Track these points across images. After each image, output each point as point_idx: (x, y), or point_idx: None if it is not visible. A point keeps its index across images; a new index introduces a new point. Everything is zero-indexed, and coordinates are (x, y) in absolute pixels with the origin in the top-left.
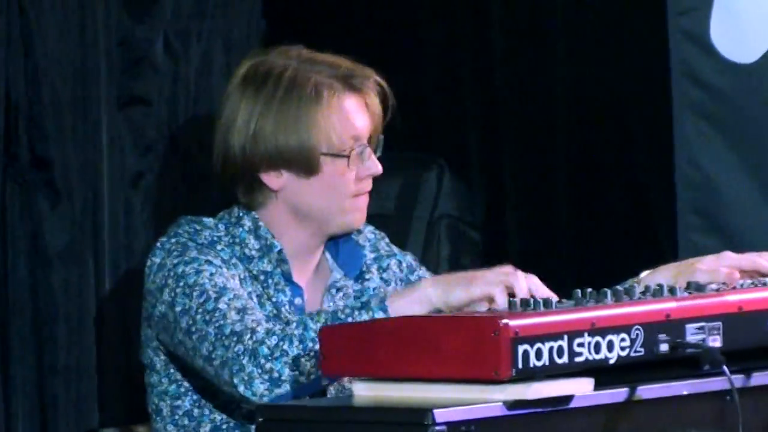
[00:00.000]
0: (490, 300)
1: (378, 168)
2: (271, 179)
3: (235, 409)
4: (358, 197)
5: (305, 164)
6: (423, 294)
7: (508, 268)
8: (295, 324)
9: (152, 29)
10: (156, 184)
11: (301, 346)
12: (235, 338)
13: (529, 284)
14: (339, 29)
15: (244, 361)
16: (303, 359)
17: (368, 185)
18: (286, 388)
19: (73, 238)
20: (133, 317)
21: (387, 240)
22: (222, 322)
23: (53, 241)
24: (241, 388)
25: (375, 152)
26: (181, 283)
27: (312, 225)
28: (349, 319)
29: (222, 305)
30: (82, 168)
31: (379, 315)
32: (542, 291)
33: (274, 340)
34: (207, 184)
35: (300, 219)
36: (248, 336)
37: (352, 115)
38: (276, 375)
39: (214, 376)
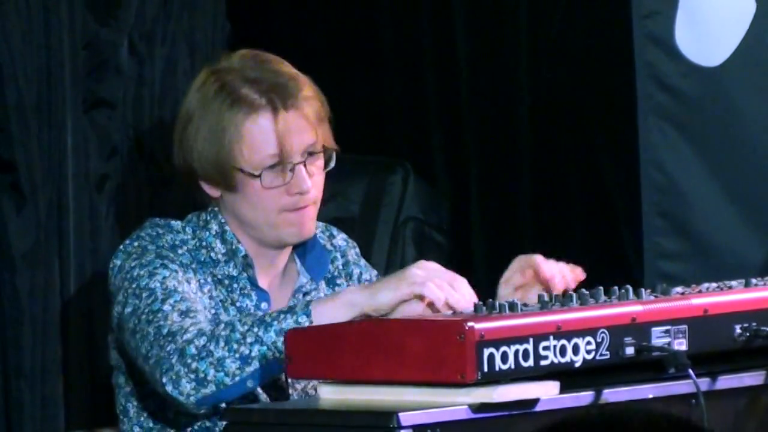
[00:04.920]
0: (422, 298)
1: (303, 186)
2: (209, 188)
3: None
4: (290, 212)
5: (222, 180)
6: (348, 298)
7: (436, 265)
8: (223, 325)
9: (117, 32)
10: (121, 187)
11: (226, 347)
12: (170, 338)
13: (447, 293)
14: (302, 31)
15: (173, 360)
16: (228, 360)
17: (302, 202)
18: (212, 388)
19: (38, 240)
20: (99, 319)
21: (357, 250)
22: (162, 322)
23: (18, 243)
24: (169, 387)
25: (326, 166)
26: (134, 285)
27: (254, 234)
28: (275, 323)
29: (166, 307)
30: (47, 171)
31: (303, 319)
32: (457, 301)
33: (202, 341)
34: (172, 187)
35: (244, 227)
36: (180, 336)
37: (270, 134)
38: (201, 375)
39: (150, 375)
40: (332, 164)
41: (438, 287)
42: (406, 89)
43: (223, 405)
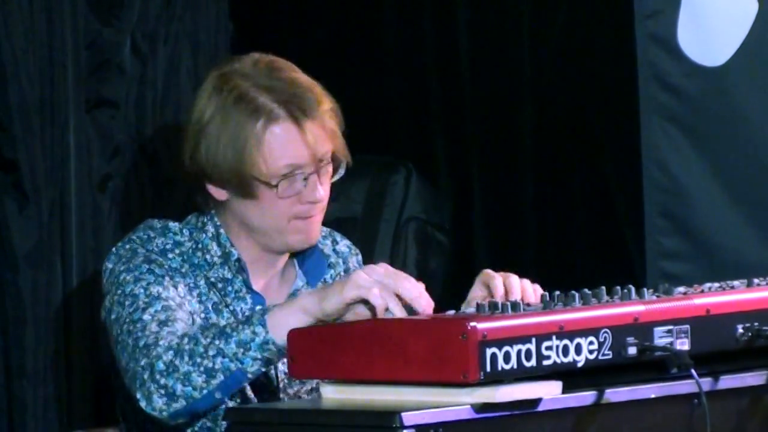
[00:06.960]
0: (366, 302)
1: (316, 196)
2: (216, 191)
3: None
4: (299, 220)
5: (238, 186)
6: (300, 305)
7: (382, 268)
8: (187, 339)
9: (119, 32)
10: (123, 187)
11: (191, 362)
12: (144, 352)
13: (389, 299)
14: (305, 32)
15: (145, 376)
16: (194, 374)
17: (312, 210)
18: (182, 402)
19: (40, 240)
20: (101, 319)
21: (360, 258)
22: (140, 334)
23: (21, 243)
24: (143, 403)
25: (335, 174)
26: (119, 291)
27: (259, 240)
28: (234, 334)
29: (146, 316)
30: (49, 170)
31: (259, 329)
32: (422, 295)
33: (169, 356)
34: (174, 187)
35: (248, 232)
36: (153, 350)
37: (288, 144)
38: (171, 391)
39: (129, 387)
40: (341, 172)
41: (382, 292)
42: (408, 89)
43: (223, 406)
